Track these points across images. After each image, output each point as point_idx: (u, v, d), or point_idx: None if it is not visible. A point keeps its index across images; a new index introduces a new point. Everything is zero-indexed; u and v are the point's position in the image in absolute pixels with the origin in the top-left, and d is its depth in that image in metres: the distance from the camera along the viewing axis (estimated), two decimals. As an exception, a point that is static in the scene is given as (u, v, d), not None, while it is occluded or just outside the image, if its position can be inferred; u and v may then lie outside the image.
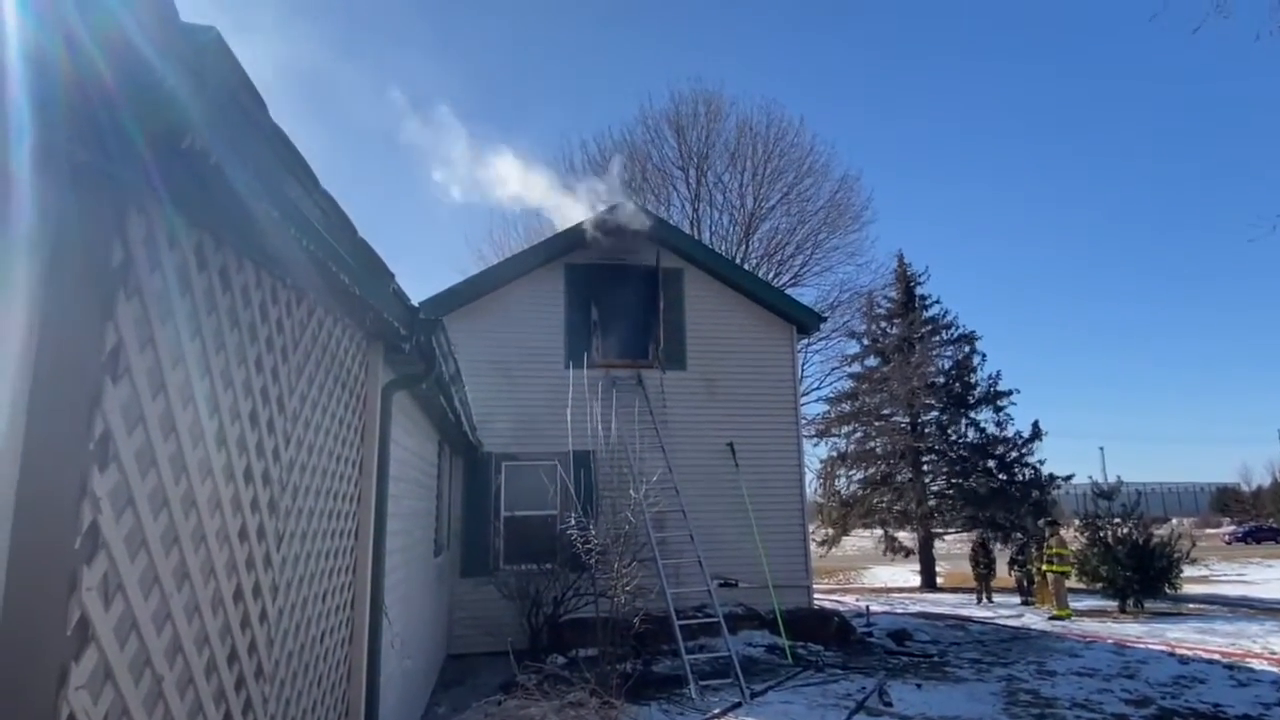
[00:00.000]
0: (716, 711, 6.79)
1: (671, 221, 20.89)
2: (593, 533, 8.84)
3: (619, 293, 11.68)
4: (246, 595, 2.29)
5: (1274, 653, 9.89)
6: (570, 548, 8.99)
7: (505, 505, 10.52)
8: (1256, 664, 9.15)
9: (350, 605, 3.64)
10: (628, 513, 9.13)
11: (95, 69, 1.23)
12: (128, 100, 1.25)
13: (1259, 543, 42.78)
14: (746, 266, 21.62)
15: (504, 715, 4.70)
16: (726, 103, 24.10)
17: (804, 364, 23.74)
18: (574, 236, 11.47)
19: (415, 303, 3.72)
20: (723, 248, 23.09)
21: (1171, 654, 9.87)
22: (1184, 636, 11.26)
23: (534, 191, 13.48)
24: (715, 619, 8.57)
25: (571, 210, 13.03)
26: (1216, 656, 9.66)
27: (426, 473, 6.57)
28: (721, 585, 10.11)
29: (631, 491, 9.53)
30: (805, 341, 22.28)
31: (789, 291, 20.00)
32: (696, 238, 21.05)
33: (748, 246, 23.92)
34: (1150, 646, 10.47)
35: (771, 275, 23.13)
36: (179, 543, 1.82)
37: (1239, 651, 9.97)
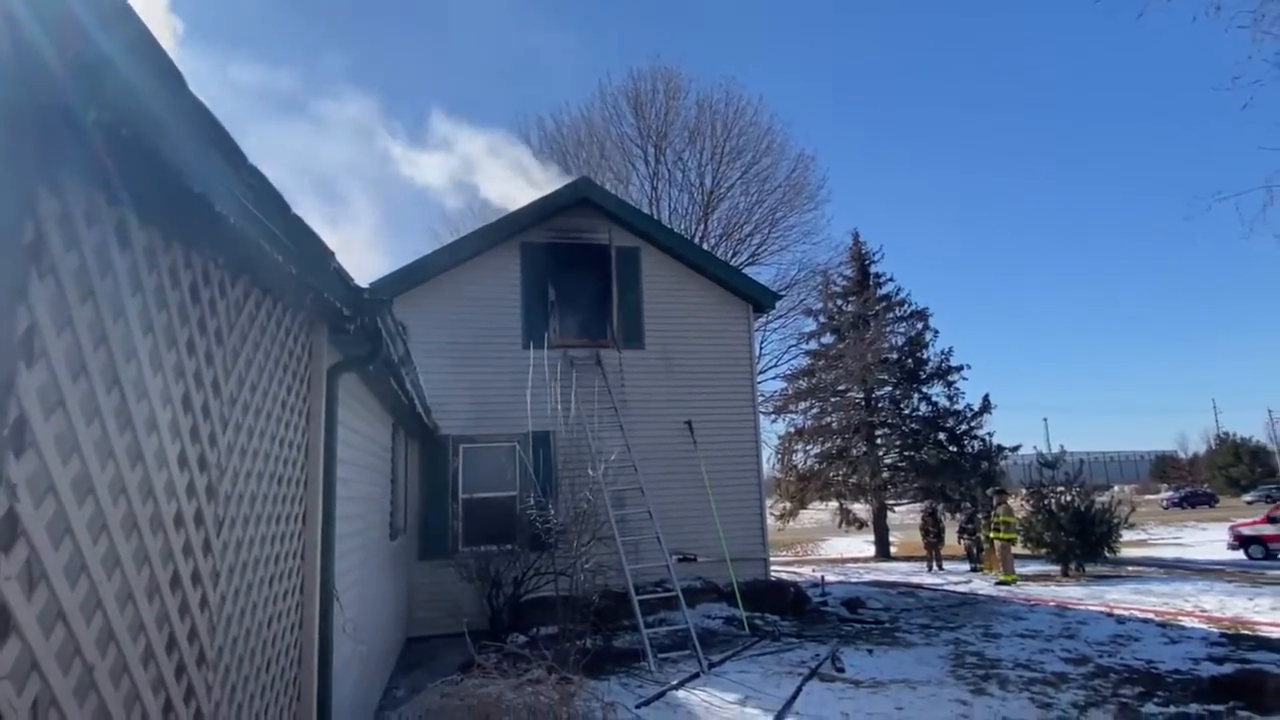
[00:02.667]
0: (674, 683, 6.92)
1: (631, 200, 20.85)
2: (552, 512, 8.89)
3: (576, 272, 11.62)
4: (185, 582, 2.24)
5: (1204, 611, 10.43)
6: (530, 528, 9.02)
7: (464, 487, 10.47)
8: (1188, 622, 9.65)
9: (299, 590, 3.60)
10: (587, 492, 9.18)
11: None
12: (23, 68, 1.19)
13: (1194, 507, 44.90)
14: (706, 245, 21.70)
15: (461, 695, 4.71)
16: (685, 80, 24.04)
17: (762, 342, 24.05)
18: (529, 214, 11.36)
19: (364, 284, 3.66)
20: (682, 226, 23.11)
21: (1110, 614, 10.35)
22: (1122, 597, 11.79)
23: (488, 169, 13.29)
24: (674, 593, 8.70)
25: (527, 189, 12.90)
26: (1151, 616, 10.15)
27: (379, 456, 6.49)
28: (680, 560, 10.25)
29: (590, 471, 9.58)
30: (763, 320, 22.51)
31: (747, 270, 20.14)
32: (656, 216, 21.03)
33: (707, 225, 23.99)
34: (1090, 608, 10.96)
35: (730, 254, 23.25)
36: (108, 530, 1.77)
37: (1172, 610, 10.49)
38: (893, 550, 22.43)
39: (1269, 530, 17.49)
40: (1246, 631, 8.90)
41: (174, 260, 2.19)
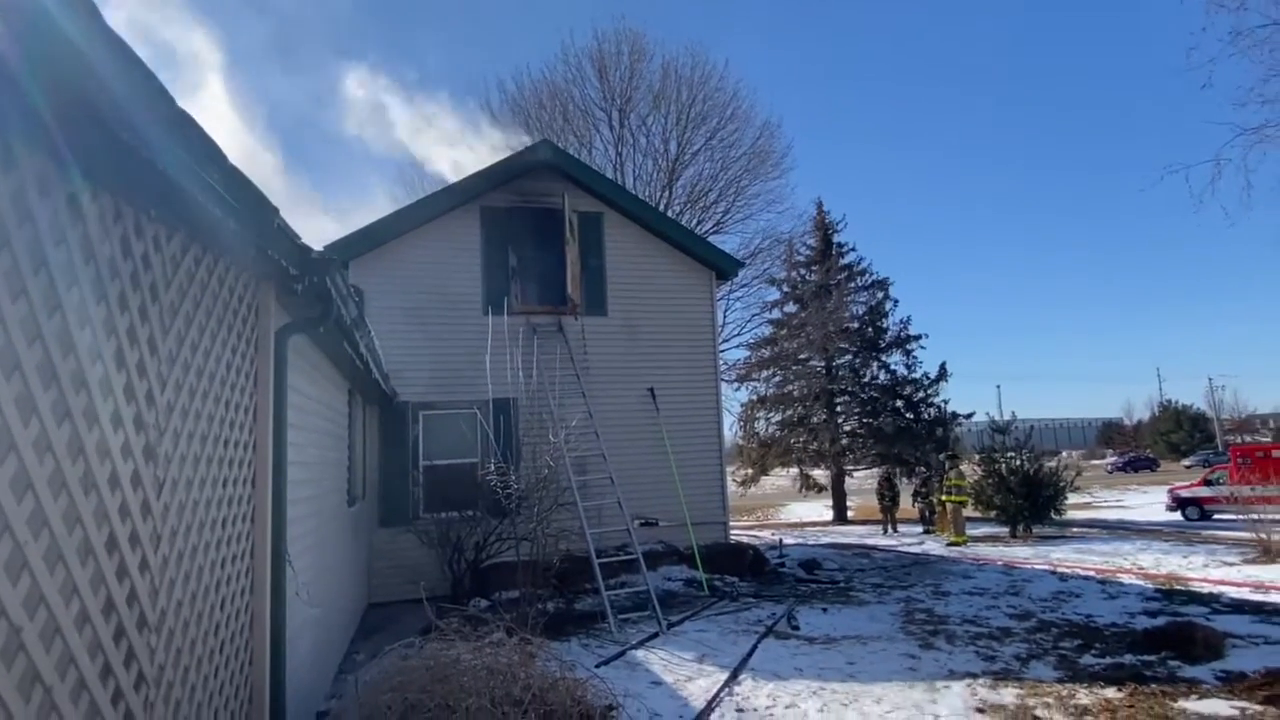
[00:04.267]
0: (634, 643, 7.04)
1: (594, 165, 20.59)
2: (514, 479, 8.88)
3: (538, 237, 11.46)
4: (122, 544, 2.19)
5: (1142, 568, 10.92)
6: (492, 494, 9.01)
7: (424, 454, 10.39)
8: (1126, 579, 10.09)
9: (249, 554, 3.54)
10: (549, 458, 9.18)
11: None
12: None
13: (1136, 471, 46.84)
14: (670, 213, 21.57)
15: (422, 658, 4.72)
16: (650, 43, 23.64)
17: (726, 311, 24.12)
18: (490, 177, 11.13)
19: (318, 246, 3.55)
20: (646, 193, 22.92)
21: (1053, 572, 10.77)
22: (1065, 556, 12.28)
23: (446, 132, 12.99)
24: (635, 557, 8.81)
25: (487, 152, 12.64)
26: (1092, 573, 10.59)
27: (335, 421, 6.39)
28: (642, 525, 10.36)
29: (552, 437, 9.58)
30: (727, 289, 22.57)
31: (711, 239, 20.09)
32: (620, 182, 20.80)
33: (671, 192, 23.83)
34: (1035, 566, 11.39)
35: (694, 222, 23.16)
36: (33, 489, 1.71)
37: (1112, 569, 10.96)
38: (850, 514, 22.97)
39: (1205, 493, 18.31)
40: (1180, 587, 9.35)
41: (102, 210, 2.09)
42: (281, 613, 3.75)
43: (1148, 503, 23.30)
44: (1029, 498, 15.34)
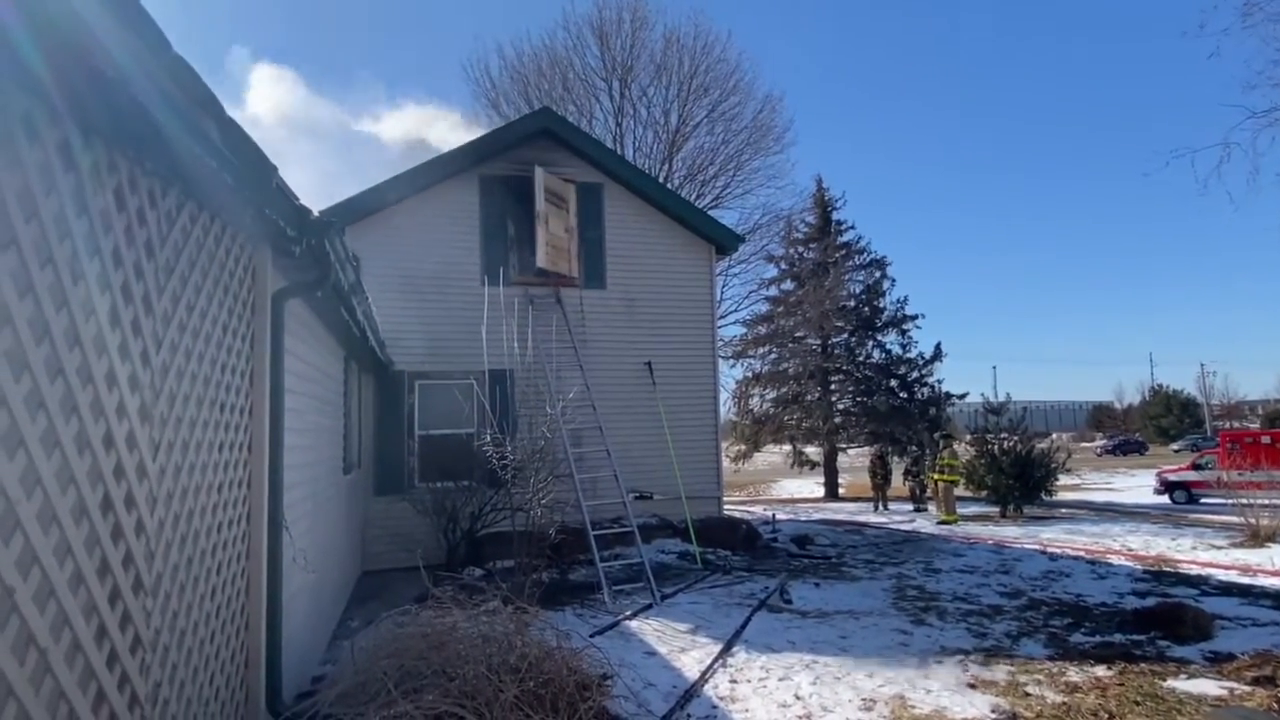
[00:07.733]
0: (628, 613, 7.07)
1: (594, 136, 20.33)
2: (510, 449, 8.85)
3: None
4: (118, 505, 2.14)
5: (1131, 549, 11.01)
6: (487, 464, 8.99)
7: (420, 424, 10.35)
8: (1115, 560, 10.18)
9: (246, 519, 3.50)
10: (545, 429, 9.15)
11: None
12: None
13: (1125, 454, 47.24)
14: (670, 186, 21.36)
15: (418, 625, 4.72)
16: (652, 11, 23.28)
17: (724, 287, 24.01)
18: (488, 145, 10.97)
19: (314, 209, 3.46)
20: (646, 165, 22.69)
21: (1043, 552, 10.85)
22: (1055, 537, 12.38)
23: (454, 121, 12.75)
24: (630, 529, 8.83)
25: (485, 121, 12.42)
26: (1081, 554, 10.68)
27: (331, 389, 6.33)
28: (637, 498, 10.38)
29: (549, 409, 9.54)
30: (725, 265, 22.44)
31: (710, 213, 19.95)
32: (619, 153, 20.57)
33: (671, 165, 23.60)
34: (1025, 546, 11.48)
35: (694, 196, 22.97)
36: (25, 446, 1.65)
37: (1101, 549, 11.05)
38: (841, 491, 23.11)
39: (1193, 477, 18.46)
40: (1168, 568, 9.44)
41: (96, 160, 2.01)
42: (278, 578, 3.72)
43: (1136, 485, 23.48)
44: (1020, 478, 15.43)
